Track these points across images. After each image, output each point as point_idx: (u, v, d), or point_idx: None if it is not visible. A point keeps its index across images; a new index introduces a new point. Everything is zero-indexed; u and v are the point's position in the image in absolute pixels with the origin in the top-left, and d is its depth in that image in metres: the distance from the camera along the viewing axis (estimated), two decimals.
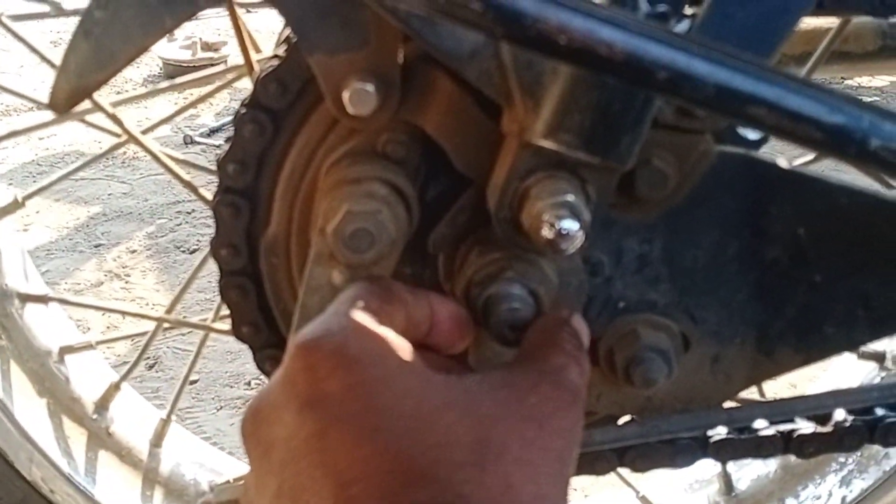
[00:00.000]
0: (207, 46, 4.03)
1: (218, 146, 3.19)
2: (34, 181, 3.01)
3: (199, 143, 3.24)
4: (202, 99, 1.01)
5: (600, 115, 0.59)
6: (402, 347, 0.56)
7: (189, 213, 2.78)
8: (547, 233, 0.59)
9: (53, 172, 3.07)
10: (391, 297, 0.60)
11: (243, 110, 0.72)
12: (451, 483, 0.49)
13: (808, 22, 1.33)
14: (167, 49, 4.00)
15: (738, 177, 0.69)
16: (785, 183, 0.70)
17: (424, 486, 0.48)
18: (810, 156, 1.01)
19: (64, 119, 0.95)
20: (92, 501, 1.09)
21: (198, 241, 2.62)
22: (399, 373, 0.53)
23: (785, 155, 0.75)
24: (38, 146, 3.27)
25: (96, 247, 2.62)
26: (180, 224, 2.73)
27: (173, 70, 3.99)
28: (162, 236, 2.66)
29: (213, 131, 3.35)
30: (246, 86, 0.96)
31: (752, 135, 0.71)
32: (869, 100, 3.44)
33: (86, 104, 0.91)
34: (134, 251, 2.59)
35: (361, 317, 0.57)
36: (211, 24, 4.15)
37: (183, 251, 2.57)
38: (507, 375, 0.57)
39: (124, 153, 3.15)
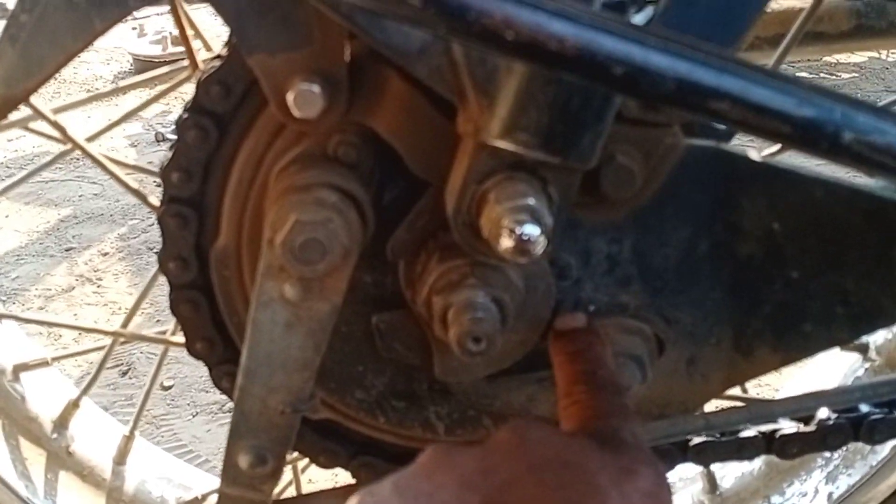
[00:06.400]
0: (178, 41, 3.97)
1: None
2: (3, 184, 2.95)
3: (171, 140, 3.18)
4: (148, 104, 0.97)
5: (559, 112, 0.55)
6: None
7: None
8: (507, 240, 0.55)
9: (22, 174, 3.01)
10: None
11: (185, 115, 0.68)
12: None
13: (782, 2, 1.30)
14: (137, 44, 3.94)
15: (707, 171, 0.66)
16: (757, 176, 0.66)
17: None
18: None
19: (6, 127, 0.90)
20: None
21: None
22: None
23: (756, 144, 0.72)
24: (7, 148, 3.21)
25: (67, 250, 2.56)
26: (152, 225, 2.67)
27: (143, 66, 3.92)
28: (134, 238, 2.61)
29: None
30: None
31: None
32: (847, 76, 3.41)
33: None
34: (106, 254, 2.54)
35: None
36: None
37: (156, 252, 2.51)
38: None
39: None
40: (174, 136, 0.69)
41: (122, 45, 4.11)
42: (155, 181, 1.34)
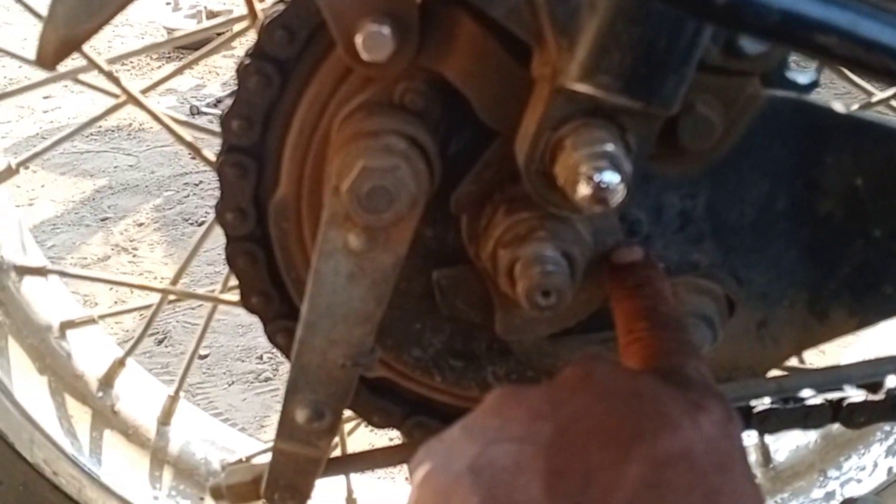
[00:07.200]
0: (213, 15, 3.96)
1: None
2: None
3: (205, 114, 3.18)
4: (203, 56, 0.95)
5: (643, 53, 0.53)
6: None
7: (197, 185, 2.72)
8: (585, 187, 0.53)
9: (58, 145, 3.02)
10: None
11: (247, 61, 0.66)
12: None
13: None
14: (172, 19, 3.93)
15: (789, 123, 0.63)
16: (841, 129, 0.64)
17: None
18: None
19: (58, 78, 0.89)
20: (97, 483, 1.05)
21: (206, 212, 2.56)
22: None
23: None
24: (43, 119, 3.21)
25: (103, 220, 2.57)
26: (188, 196, 2.68)
27: (178, 40, 3.92)
28: (169, 209, 2.61)
29: (219, 101, 3.28)
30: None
31: (802, 78, 0.65)
32: None
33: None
34: (141, 224, 2.54)
35: None
36: None
37: (191, 223, 2.52)
38: None
39: (130, 125, 3.09)
40: (208, 111, 0.67)
41: (156, 19, 4.11)
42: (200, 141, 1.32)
